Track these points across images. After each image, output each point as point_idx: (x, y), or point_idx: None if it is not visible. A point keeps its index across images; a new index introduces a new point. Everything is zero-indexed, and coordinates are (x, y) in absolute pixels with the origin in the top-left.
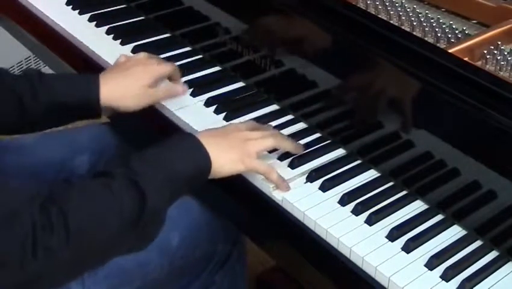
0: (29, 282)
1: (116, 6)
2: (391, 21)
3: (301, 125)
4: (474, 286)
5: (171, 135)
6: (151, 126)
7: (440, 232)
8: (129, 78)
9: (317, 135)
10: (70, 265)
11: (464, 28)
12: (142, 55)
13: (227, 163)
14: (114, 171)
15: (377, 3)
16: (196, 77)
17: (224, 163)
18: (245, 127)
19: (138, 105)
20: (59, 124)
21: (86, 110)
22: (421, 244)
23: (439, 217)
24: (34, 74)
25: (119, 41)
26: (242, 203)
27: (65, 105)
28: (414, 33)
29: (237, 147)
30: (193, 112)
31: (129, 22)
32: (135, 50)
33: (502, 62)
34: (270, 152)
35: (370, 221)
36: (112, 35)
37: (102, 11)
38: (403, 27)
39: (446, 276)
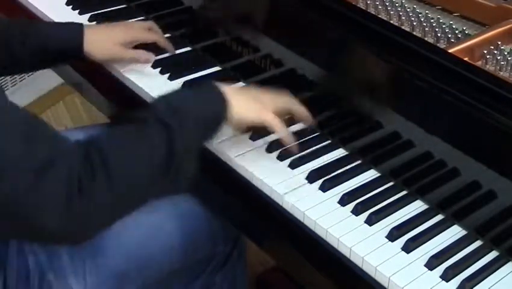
0: (73, 224)
1: (116, 6)
2: (391, 21)
3: (301, 125)
4: (474, 286)
5: None
6: None
7: (440, 232)
8: (106, 31)
9: (317, 134)
10: (110, 209)
11: (464, 28)
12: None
13: (246, 109)
14: (146, 116)
15: (377, 3)
16: (196, 77)
17: (244, 109)
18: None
19: (102, 55)
20: (46, 66)
21: (71, 52)
22: (421, 244)
23: (439, 217)
24: (25, 20)
25: None
26: (242, 204)
27: (52, 46)
28: (414, 33)
29: (255, 98)
30: None
31: None
32: None
33: (502, 62)
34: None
35: (370, 221)
36: None
37: (102, 11)
38: (403, 27)
39: (446, 276)
